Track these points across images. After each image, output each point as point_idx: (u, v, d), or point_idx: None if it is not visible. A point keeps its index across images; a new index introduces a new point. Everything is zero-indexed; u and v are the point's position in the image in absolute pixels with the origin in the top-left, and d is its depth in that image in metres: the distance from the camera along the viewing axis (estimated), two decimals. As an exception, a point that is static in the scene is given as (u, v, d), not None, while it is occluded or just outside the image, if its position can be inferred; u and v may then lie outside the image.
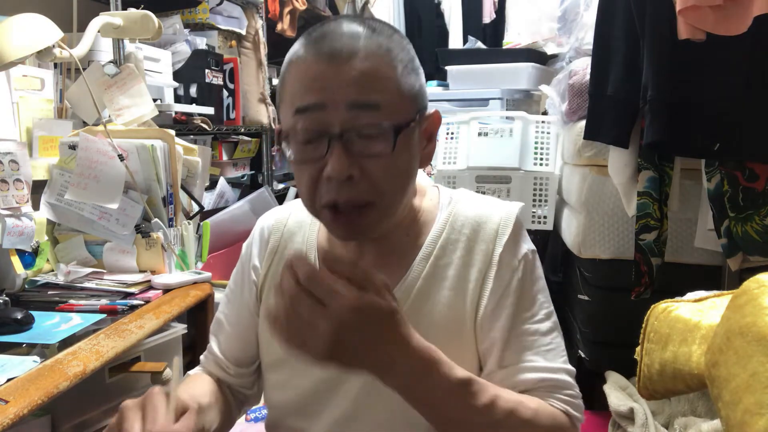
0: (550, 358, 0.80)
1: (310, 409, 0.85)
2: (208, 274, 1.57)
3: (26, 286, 1.44)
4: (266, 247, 0.92)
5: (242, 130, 2.60)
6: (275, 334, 0.65)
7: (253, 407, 2.09)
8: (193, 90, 2.21)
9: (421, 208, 0.86)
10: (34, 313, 1.21)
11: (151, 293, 1.43)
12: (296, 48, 0.76)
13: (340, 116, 0.72)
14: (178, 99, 2.13)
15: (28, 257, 1.44)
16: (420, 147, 0.80)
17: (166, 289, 1.46)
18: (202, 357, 1.00)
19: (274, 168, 2.96)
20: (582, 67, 1.82)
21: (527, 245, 0.84)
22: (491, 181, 2.22)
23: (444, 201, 0.87)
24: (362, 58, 0.72)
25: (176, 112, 2.06)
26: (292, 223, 0.92)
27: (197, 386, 0.91)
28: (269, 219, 0.95)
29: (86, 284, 1.44)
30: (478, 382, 0.73)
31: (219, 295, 1.72)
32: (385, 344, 0.65)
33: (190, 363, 1.53)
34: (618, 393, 1.58)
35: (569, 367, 0.82)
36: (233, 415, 0.94)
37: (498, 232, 0.83)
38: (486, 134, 2.28)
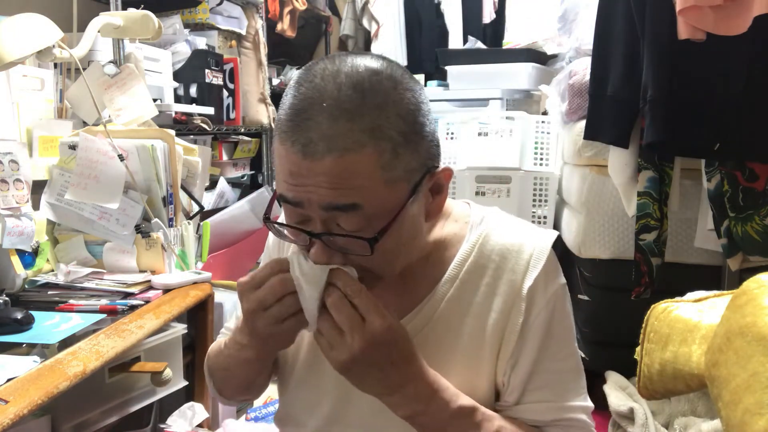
0: (569, 398, 0.80)
1: (321, 405, 0.84)
2: (208, 274, 1.57)
3: (26, 286, 1.44)
4: None
5: (242, 130, 2.60)
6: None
7: (254, 407, 2.09)
8: (193, 90, 2.21)
9: (444, 233, 0.82)
10: (34, 313, 1.21)
11: (151, 293, 1.42)
12: (280, 112, 0.69)
13: (318, 214, 0.67)
14: (178, 99, 2.13)
15: (28, 257, 1.44)
16: (426, 204, 0.74)
17: (166, 289, 1.46)
18: (220, 333, 1.00)
19: (274, 168, 2.96)
20: (582, 67, 1.82)
21: (559, 280, 0.81)
22: (491, 181, 2.22)
23: (475, 220, 0.83)
24: (340, 153, 0.63)
25: (176, 112, 2.06)
26: None
27: None
28: None
29: (86, 284, 1.44)
30: (483, 411, 0.75)
31: (219, 295, 1.72)
32: (399, 366, 0.70)
33: (190, 363, 1.53)
34: (618, 393, 1.58)
35: (587, 404, 0.82)
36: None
37: (529, 265, 0.78)
38: (486, 134, 2.28)
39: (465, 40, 3.48)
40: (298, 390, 0.87)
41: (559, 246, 2.16)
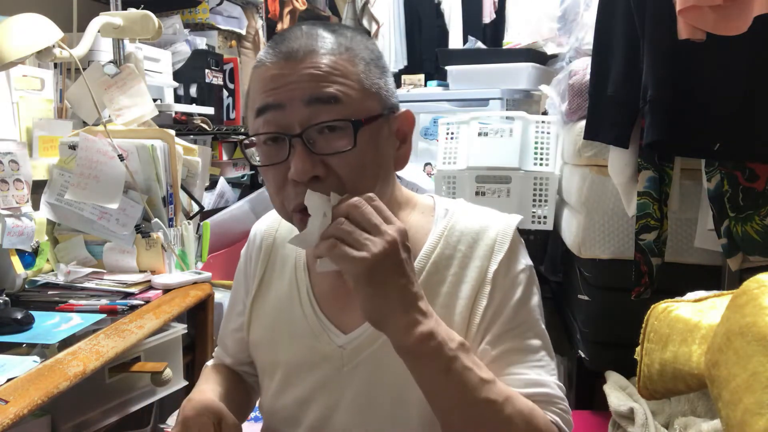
0: (540, 373, 0.78)
1: (303, 417, 0.83)
2: (208, 274, 1.57)
3: (26, 286, 1.44)
4: (260, 254, 0.92)
5: (242, 130, 2.60)
6: (323, 250, 0.66)
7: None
8: (193, 90, 2.21)
9: (410, 222, 0.83)
10: (34, 313, 1.21)
11: (151, 293, 1.43)
12: (258, 55, 0.75)
13: (299, 114, 0.70)
14: (178, 99, 2.13)
15: (28, 257, 1.44)
16: (393, 148, 0.78)
17: (166, 289, 1.46)
18: (215, 351, 1.02)
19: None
20: (582, 67, 1.81)
21: (524, 261, 0.82)
22: (491, 181, 2.22)
23: (440, 213, 0.84)
24: (320, 55, 0.71)
25: (176, 112, 2.06)
26: (284, 229, 0.91)
27: (219, 379, 0.93)
28: (262, 224, 0.95)
29: (86, 284, 1.44)
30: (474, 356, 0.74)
31: (219, 295, 1.73)
32: (407, 277, 0.67)
33: (190, 363, 1.53)
34: (618, 393, 1.58)
35: (560, 384, 0.80)
36: (252, 398, 0.98)
37: (494, 249, 0.80)
38: (486, 134, 2.28)
39: (465, 40, 3.48)
40: (279, 402, 0.86)
41: (559, 245, 2.16)
